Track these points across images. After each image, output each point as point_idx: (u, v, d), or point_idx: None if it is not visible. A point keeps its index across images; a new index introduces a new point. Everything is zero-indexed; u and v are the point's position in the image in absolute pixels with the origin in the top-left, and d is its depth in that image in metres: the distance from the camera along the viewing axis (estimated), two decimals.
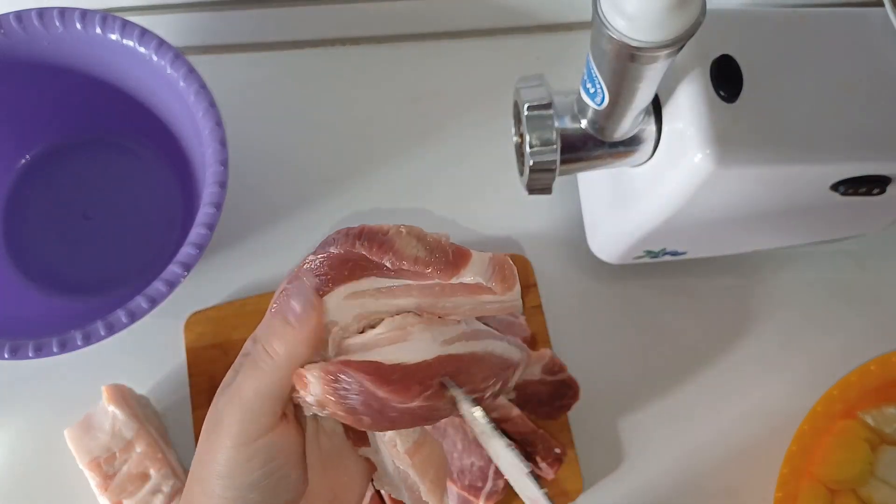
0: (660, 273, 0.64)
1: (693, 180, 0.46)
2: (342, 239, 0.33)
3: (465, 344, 0.34)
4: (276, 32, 0.68)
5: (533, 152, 0.48)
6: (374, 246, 0.32)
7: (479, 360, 0.34)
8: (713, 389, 0.62)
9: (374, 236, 0.32)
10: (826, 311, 0.65)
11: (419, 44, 0.69)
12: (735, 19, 0.48)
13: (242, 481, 0.31)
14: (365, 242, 0.32)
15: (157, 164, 0.63)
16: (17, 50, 0.55)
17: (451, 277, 0.33)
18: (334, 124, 0.67)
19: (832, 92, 0.47)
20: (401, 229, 0.33)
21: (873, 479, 0.57)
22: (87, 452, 0.54)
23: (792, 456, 0.56)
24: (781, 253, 0.65)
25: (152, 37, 0.53)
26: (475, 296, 0.34)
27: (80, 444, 0.54)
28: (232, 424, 0.31)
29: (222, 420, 0.31)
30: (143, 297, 0.50)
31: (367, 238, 0.32)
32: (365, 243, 0.32)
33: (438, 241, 0.33)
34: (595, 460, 0.60)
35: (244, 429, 0.30)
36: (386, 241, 0.32)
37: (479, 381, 0.34)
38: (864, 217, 0.57)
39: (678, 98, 0.46)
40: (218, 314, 0.60)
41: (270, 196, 0.65)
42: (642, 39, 0.36)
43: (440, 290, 0.33)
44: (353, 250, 0.32)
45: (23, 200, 0.63)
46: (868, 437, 0.57)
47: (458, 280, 0.33)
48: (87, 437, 0.54)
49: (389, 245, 0.32)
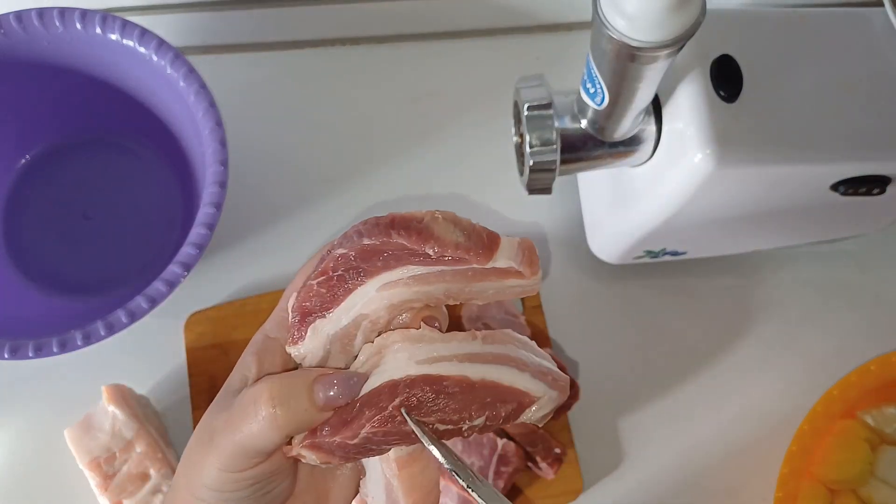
0: (660, 273, 0.64)
1: (693, 180, 0.46)
2: (374, 229, 0.31)
3: (454, 365, 0.31)
4: (276, 32, 0.68)
5: (533, 152, 0.48)
6: (413, 235, 0.30)
7: (467, 388, 0.31)
8: (713, 389, 0.62)
9: (411, 224, 0.31)
10: (826, 311, 0.65)
11: (419, 44, 0.69)
12: (735, 19, 0.48)
13: (231, 495, 0.31)
14: (402, 231, 0.30)
15: (157, 164, 0.63)
16: (17, 50, 0.55)
17: (488, 262, 0.31)
18: (334, 124, 0.67)
19: (832, 92, 0.47)
20: (436, 215, 0.31)
21: (873, 479, 0.57)
22: (87, 452, 0.54)
23: (792, 456, 0.56)
24: (781, 253, 0.65)
25: (152, 37, 0.53)
26: (501, 280, 0.32)
27: (80, 444, 0.54)
28: (222, 455, 0.30)
29: (214, 441, 0.30)
30: (143, 297, 0.50)
31: (404, 227, 0.31)
32: (402, 232, 0.30)
33: (472, 224, 0.31)
34: (595, 460, 0.60)
35: (234, 463, 0.30)
36: (424, 229, 0.31)
37: (453, 412, 0.31)
38: (864, 217, 0.57)
39: (678, 98, 0.46)
40: (218, 314, 0.60)
41: (270, 196, 0.65)
42: (642, 39, 0.36)
43: (472, 275, 0.32)
44: (389, 240, 0.31)
45: (23, 200, 0.63)
46: (868, 437, 0.57)
47: (493, 264, 0.31)
48: (87, 437, 0.54)
49: (429, 233, 0.30)
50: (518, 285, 0.32)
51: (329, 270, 0.32)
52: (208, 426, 0.31)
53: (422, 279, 0.32)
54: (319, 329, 0.32)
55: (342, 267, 0.31)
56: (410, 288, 0.32)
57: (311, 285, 0.32)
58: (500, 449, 0.53)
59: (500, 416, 0.32)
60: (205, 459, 0.30)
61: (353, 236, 0.31)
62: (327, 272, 0.32)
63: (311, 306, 0.32)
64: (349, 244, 0.31)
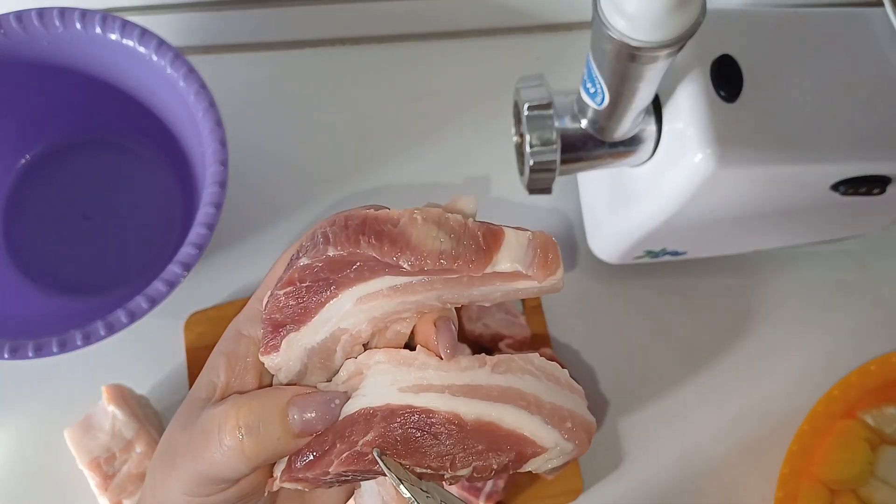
0: (660, 273, 0.64)
1: (693, 180, 0.46)
2: (341, 235, 0.25)
3: (445, 398, 0.26)
4: (276, 32, 0.68)
5: (533, 152, 0.48)
6: (385, 243, 0.25)
7: (456, 428, 0.26)
8: (713, 389, 0.62)
9: (383, 229, 0.25)
10: (826, 311, 0.65)
11: (419, 44, 0.69)
12: (735, 19, 0.48)
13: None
14: (372, 240, 0.25)
15: (157, 164, 0.63)
16: (17, 50, 0.55)
17: (484, 268, 0.25)
18: (334, 124, 0.67)
19: (832, 92, 0.47)
20: (415, 215, 0.25)
21: (873, 479, 0.57)
22: (87, 452, 0.54)
23: (792, 456, 0.56)
24: (781, 253, 0.65)
25: (152, 37, 0.53)
26: (509, 283, 0.27)
27: (80, 445, 0.54)
28: (185, 480, 0.27)
29: (176, 463, 0.27)
30: (143, 296, 0.50)
31: (374, 234, 0.25)
32: (372, 240, 0.25)
33: (464, 223, 0.25)
34: (595, 460, 0.60)
35: (198, 489, 0.27)
36: (399, 236, 0.25)
37: (435, 456, 0.26)
38: (864, 217, 0.57)
39: (678, 98, 0.46)
40: (218, 314, 0.60)
41: (270, 196, 0.65)
42: (642, 39, 0.36)
43: (469, 281, 0.26)
44: (357, 251, 0.25)
45: (23, 200, 0.63)
46: (868, 437, 0.57)
47: (493, 269, 0.25)
48: (87, 437, 0.54)
49: (404, 240, 0.25)
50: (533, 287, 0.27)
51: (295, 281, 0.27)
52: (170, 443, 0.28)
53: (405, 289, 0.27)
54: (294, 342, 0.27)
55: (309, 279, 0.27)
56: (392, 300, 0.27)
57: (277, 296, 0.27)
58: None
59: (491, 469, 0.26)
60: (167, 481, 0.27)
61: (319, 241, 0.26)
62: (294, 282, 0.27)
63: (282, 318, 0.28)
64: (314, 253, 0.26)
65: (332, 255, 0.26)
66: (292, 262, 0.27)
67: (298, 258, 0.27)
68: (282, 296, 0.27)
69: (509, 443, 0.26)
